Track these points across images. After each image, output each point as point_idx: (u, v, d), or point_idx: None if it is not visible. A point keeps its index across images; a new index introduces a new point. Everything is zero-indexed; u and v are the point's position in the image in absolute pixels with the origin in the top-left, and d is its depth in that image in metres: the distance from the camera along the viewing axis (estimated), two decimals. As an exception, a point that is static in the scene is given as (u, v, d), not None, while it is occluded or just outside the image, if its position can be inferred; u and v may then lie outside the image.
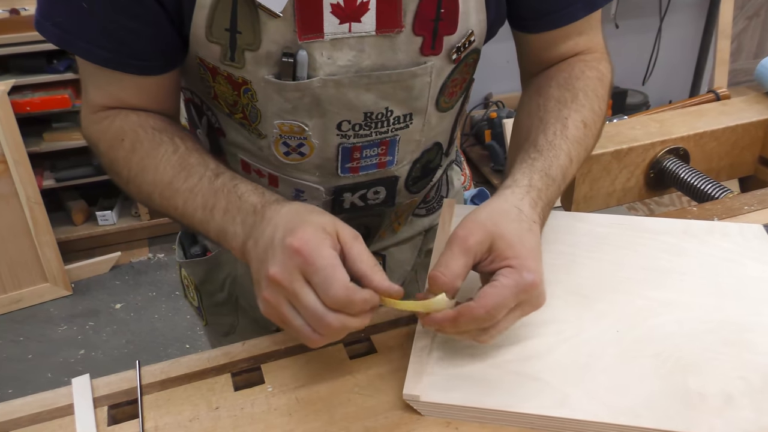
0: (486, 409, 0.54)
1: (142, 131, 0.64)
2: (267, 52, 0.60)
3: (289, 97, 0.63)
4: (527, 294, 0.53)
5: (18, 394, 0.60)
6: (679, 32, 3.30)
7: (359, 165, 0.71)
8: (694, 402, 0.53)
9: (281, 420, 0.56)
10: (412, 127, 0.70)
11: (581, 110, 0.67)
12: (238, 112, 0.67)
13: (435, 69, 0.66)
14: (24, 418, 0.57)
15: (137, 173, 0.64)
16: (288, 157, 0.70)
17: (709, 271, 0.68)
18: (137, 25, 0.60)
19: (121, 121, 0.65)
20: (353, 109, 0.65)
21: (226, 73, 0.63)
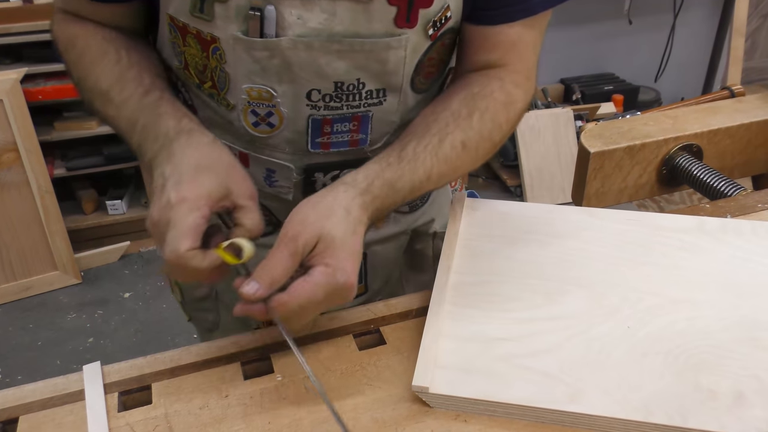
0: (496, 402, 0.54)
1: (92, 39, 0.68)
2: (236, 5, 0.60)
3: (257, 57, 0.63)
4: (337, 293, 0.55)
5: (27, 381, 0.60)
6: (693, 29, 3.27)
7: (330, 141, 0.70)
8: (706, 399, 0.53)
9: (290, 409, 0.56)
10: (387, 105, 0.69)
11: (468, 131, 0.66)
12: (207, 80, 0.68)
13: (411, 44, 0.65)
14: (35, 403, 0.57)
15: (82, 78, 0.68)
16: (257, 129, 0.69)
17: (723, 269, 0.67)
18: None
19: (76, 26, 0.69)
20: (324, 77, 0.64)
21: (195, 30, 0.63)
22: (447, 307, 0.63)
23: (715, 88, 3.32)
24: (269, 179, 0.74)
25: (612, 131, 1.01)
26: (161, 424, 0.55)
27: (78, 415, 0.56)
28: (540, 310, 0.62)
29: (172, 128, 0.60)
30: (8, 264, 2.22)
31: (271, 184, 0.75)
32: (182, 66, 0.69)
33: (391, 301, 0.69)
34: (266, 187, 0.75)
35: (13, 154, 2.09)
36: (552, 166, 2.75)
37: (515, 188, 2.79)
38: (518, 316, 0.62)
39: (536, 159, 2.74)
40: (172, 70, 0.73)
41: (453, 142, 0.65)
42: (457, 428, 0.54)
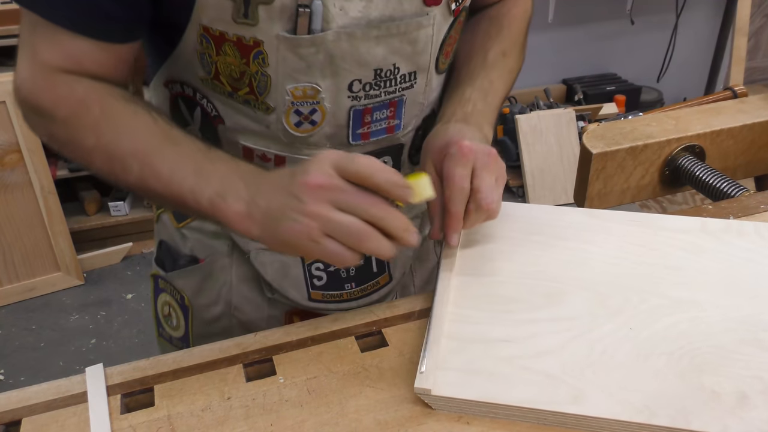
0: (498, 404, 0.54)
1: (113, 99, 0.62)
2: (281, 5, 0.59)
3: (303, 54, 0.62)
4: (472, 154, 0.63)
5: (30, 382, 0.60)
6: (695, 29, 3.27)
7: (370, 130, 0.71)
8: (709, 400, 0.53)
9: (293, 411, 0.56)
10: (417, 87, 0.71)
11: (503, 42, 0.79)
12: (243, 87, 0.66)
13: (437, 22, 0.67)
14: (38, 404, 0.58)
15: (110, 140, 0.61)
16: (299, 129, 0.68)
17: (725, 270, 0.67)
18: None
19: (84, 87, 0.61)
20: (364, 66, 0.65)
21: (235, 37, 0.61)
22: (449, 308, 0.63)
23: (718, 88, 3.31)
24: None
25: (614, 132, 1.01)
26: (164, 426, 0.55)
27: (81, 417, 0.56)
28: (542, 312, 0.62)
29: (258, 168, 0.60)
30: (11, 265, 2.22)
31: None
32: (211, 76, 0.66)
33: (393, 303, 0.69)
34: None
35: (16, 155, 2.10)
36: (554, 167, 2.75)
37: (517, 189, 2.78)
38: (520, 317, 0.62)
39: (538, 159, 2.73)
40: (184, 84, 0.70)
41: (496, 52, 0.78)
42: (459, 430, 0.54)
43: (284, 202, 0.55)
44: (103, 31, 0.60)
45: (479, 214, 0.64)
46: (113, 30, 0.61)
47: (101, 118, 0.61)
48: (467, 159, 0.63)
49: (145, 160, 0.60)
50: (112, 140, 0.61)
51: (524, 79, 3.11)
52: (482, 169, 0.64)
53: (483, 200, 0.63)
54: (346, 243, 0.54)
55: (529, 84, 3.12)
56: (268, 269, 0.77)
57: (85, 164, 0.64)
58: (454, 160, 0.64)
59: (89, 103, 0.61)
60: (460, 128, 0.68)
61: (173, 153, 0.60)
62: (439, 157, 0.67)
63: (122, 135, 0.61)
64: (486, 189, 0.63)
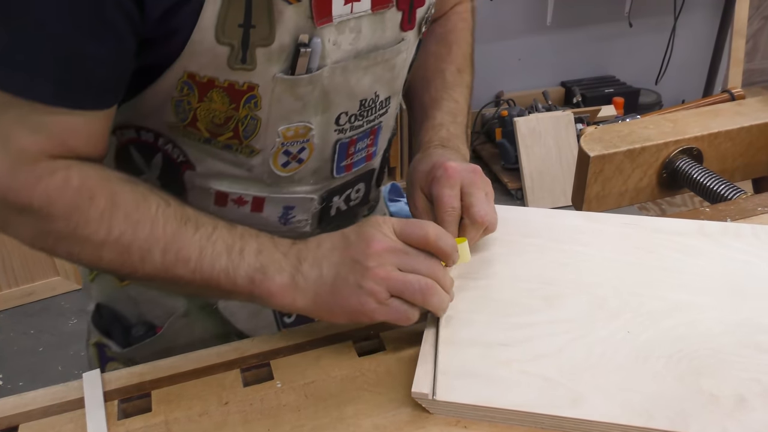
0: (496, 408, 0.53)
1: (116, 185, 0.56)
2: (280, 45, 0.57)
3: (300, 94, 0.61)
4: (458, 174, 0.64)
5: (29, 387, 0.60)
6: (693, 31, 3.27)
7: (353, 161, 0.71)
8: (707, 403, 0.53)
9: (290, 416, 0.56)
10: (390, 112, 0.72)
11: (456, 59, 0.81)
12: (226, 132, 0.62)
13: (410, 45, 0.68)
14: (35, 410, 0.57)
15: (124, 230, 0.55)
16: (286, 168, 0.67)
17: (723, 273, 0.67)
18: (102, 51, 0.51)
19: (79, 176, 0.54)
20: (353, 98, 0.65)
21: (226, 83, 0.58)
22: (447, 312, 0.63)
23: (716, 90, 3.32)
24: (285, 217, 0.72)
25: (612, 135, 1.01)
26: (161, 431, 0.55)
27: (78, 423, 0.56)
28: (540, 315, 0.62)
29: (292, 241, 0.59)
30: (11, 269, 2.22)
31: (287, 222, 0.73)
32: (185, 123, 0.61)
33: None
34: (281, 226, 0.73)
35: (15, 160, 2.10)
36: (553, 169, 2.75)
37: (516, 191, 2.78)
38: (518, 320, 0.62)
39: (537, 162, 2.73)
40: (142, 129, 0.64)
41: (452, 71, 0.79)
42: (457, 434, 0.53)
43: (346, 268, 0.55)
44: (90, 98, 0.53)
45: (475, 228, 0.64)
46: (101, 94, 0.54)
47: (110, 208, 0.54)
48: (454, 180, 0.64)
49: (169, 247, 0.55)
50: (127, 231, 0.55)
51: (523, 81, 3.12)
52: (470, 186, 0.65)
53: (477, 213, 0.63)
54: (412, 301, 0.56)
55: (527, 86, 3.12)
56: (239, 317, 0.75)
57: (88, 260, 0.57)
58: (441, 183, 0.65)
59: (92, 192, 0.54)
60: (442, 153, 0.70)
61: (199, 235, 0.56)
62: (426, 182, 0.68)
63: (138, 224, 0.55)
64: (478, 203, 0.64)
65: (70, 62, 0.50)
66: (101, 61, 0.51)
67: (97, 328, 0.79)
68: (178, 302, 0.75)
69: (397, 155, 2.69)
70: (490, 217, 0.65)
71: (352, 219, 0.79)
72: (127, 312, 0.77)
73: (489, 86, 3.05)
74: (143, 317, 0.76)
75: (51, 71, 0.50)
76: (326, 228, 0.76)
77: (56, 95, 0.51)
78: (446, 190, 0.64)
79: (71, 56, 0.50)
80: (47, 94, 0.50)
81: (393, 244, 0.56)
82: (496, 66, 3.03)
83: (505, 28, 2.97)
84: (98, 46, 0.50)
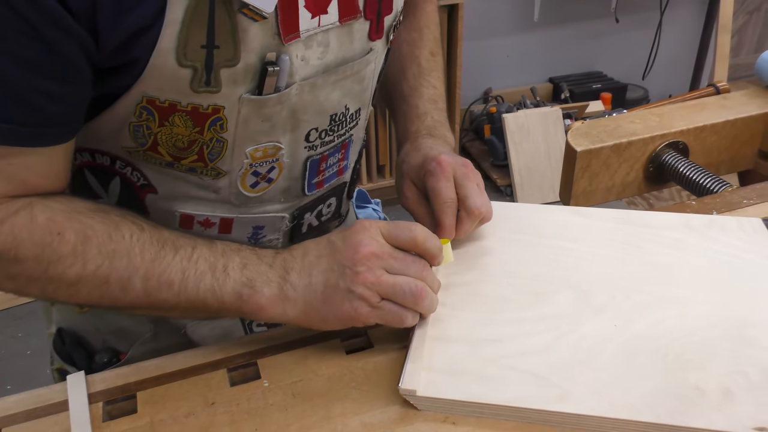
0: (484, 404, 0.53)
1: (84, 217, 0.53)
2: (245, 65, 0.54)
3: (268, 114, 0.58)
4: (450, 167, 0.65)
5: (17, 390, 0.59)
6: (679, 27, 3.29)
7: (324, 177, 0.70)
8: (694, 397, 0.53)
9: (278, 415, 0.55)
10: (360, 123, 0.71)
11: (428, 43, 0.82)
12: (190, 155, 0.59)
13: (378, 55, 0.67)
14: (18, 414, 0.57)
15: (101, 263, 0.53)
16: (255, 189, 0.65)
17: (709, 266, 0.67)
18: (56, 86, 0.49)
19: (43, 213, 0.52)
20: (322, 114, 0.64)
21: (189, 107, 0.55)
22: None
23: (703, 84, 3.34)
24: (255, 237, 0.71)
25: (598, 130, 1.01)
26: (147, 433, 0.54)
27: (63, 426, 0.55)
28: (528, 311, 0.62)
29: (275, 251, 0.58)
30: (-4, 272, 2.20)
31: (257, 242, 0.71)
32: (145, 148, 0.59)
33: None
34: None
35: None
36: (542, 165, 2.75)
37: (505, 188, 2.79)
38: (506, 316, 0.62)
39: (526, 158, 2.74)
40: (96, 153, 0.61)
41: (426, 56, 0.80)
42: (445, 430, 0.53)
43: (336, 275, 0.55)
44: (46, 135, 0.51)
45: (471, 219, 0.65)
46: (57, 130, 0.52)
47: (82, 242, 0.52)
48: (447, 172, 0.65)
49: (149, 273, 0.54)
50: (103, 263, 0.53)
51: (511, 78, 3.12)
52: (463, 178, 0.66)
53: (473, 204, 0.64)
54: (403, 303, 0.56)
55: (515, 83, 3.13)
56: (209, 340, 0.73)
57: (64, 298, 0.55)
58: (436, 176, 0.65)
59: (60, 227, 0.52)
60: (431, 144, 0.71)
61: (179, 257, 0.54)
62: (418, 176, 0.68)
63: (114, 255, 0.53)
64: (472, 194, 0.65)
65: (24, 101, 0.48)
66: (56, 97, 0.49)
67: (59, 354, 0.77)
68: (144, 327, 0.73)
69: (386, 153, 2.69)
70: (486, 207, 0.66)
71: (323, 234, 0.78)
72: (90, 337, 0.76)
73: (477, 83, 3.06)
74: (107, 343, 0.75)
75: (9, 113, 0.48)
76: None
77: (12, 135, 0.49)
78: (442, 183, 0.65)
79: (24, 95, 0.48)
80: (3, 135, 0.48)
81: (381, 248, 0.56)
82: (485, 63, 3.03)
83: (494, 25, 2.97)
84: (52, 83, 0.48)
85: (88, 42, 0.48)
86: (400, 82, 0.79)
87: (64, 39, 0.47)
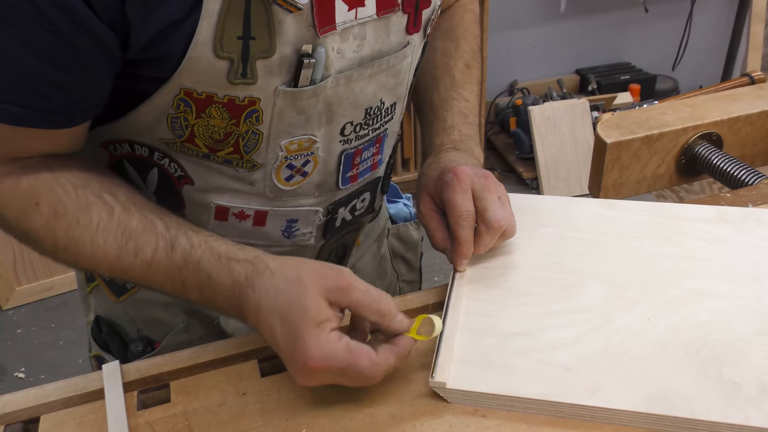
0: (514, 397, 0.53)
1: (62, 191, 0.54)
2: (280, 57, 0.54)
3: (303, 107, 0.58)
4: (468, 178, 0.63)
5: (50, 380, 0.61)
6: (710, 16, 3.22)
7: (358, 171, 0.69)
8: (729, 392, 0.52)
9: (308, 406, 0.56)
10: (395, 118, 0.69)
11: (463, 55, 0.79)
12: (226, 147, 0.60)
13: (415, 49, 0.66)
14: (56, 402, 0.58)
15: (67, 246, 0.55)
16: (289, 182, 0.64)
17: (745, 259, 0.66)
18: (69, 79, 0.50)
19: (29, 178, 0.54)
20: (357, 107, 0.63)
21: (226, 98, 0.55)
22: (464, 301, 0.62)
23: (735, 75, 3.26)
24: (289, 230, 0.70)
25: (629, 121, 0.99)
26: (180, 422, 0.55)
27: (98, 414, 0.57)
28: (558, 304, 0.62)
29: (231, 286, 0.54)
30: (30, 265, 2.25)
31: (291, 236, 0.71)
32: (182, 139, 0.59)
33: (406, 297, 0.68)
34: (284, 240, 0.71)
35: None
36: (568, 158, 2.72)
37: (531, 181, 2.76)
38: (536, 310, 0.61)
39: (552, 151, 2.71)
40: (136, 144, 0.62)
41: (461, 68, 0.78)
42: (475, 423, 0.53)
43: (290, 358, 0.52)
44: (53, 120, 0.53)
45: (491, 233, 0.63)
46: (66, 117, 0.53)
47: (52, 218, 0.54)
48: (465, 184, 0.63)
49: (112, 267, 0.56)
50: (69, 246, 0.55)
51: (537, 69, 3.09)
52: (482, 190, 0.63)
53: (492, 217, 0.62)
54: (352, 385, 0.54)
55: (542, 75, 3.09)
56: (242, 331, 0.72)
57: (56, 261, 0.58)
58: (452, 187, 0.63)
59: (36, 198, 0.54)
60: (453, 157, 0.69)
61: (138, 262, 0.55)
62: (435, 188, 0.66)
63: (78, 241, 0.55)
64: (492, 207, 0.62)
65: (33, 88, 0.50)
66: (65, 87, 0.51)
67: (96, 341, 0.79)
68: (177, 318, 0.74)
69: (410, 146, 2.68)
70: (508, 220, 0.63)
71: (353, 229, 0.78)
72: (126, 326, 0.77)
73: (503, 75, 3.03)
74: (141, 332, 0.76)
75: (18, 97, 0.50)
76: (331, 240, 0.74)
77: (18, 117, 0.51)
78: (458, 195, 0.62)
79: (34, 83, 0.49)
80: (10, 116, 0.50)
81: (329, 363, 0.50)
82: (510, 55, 3.01)
83: (519, 17, 2.94)
84: (62, 73, 0.50)
85: (108, 38, 0.49)
86: (431, 92, 0.77)
87: (78, 33, 0.48)
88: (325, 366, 0.51)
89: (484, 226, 0.62)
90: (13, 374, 2.00)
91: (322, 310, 0.51)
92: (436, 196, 0.66)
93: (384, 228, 0.89)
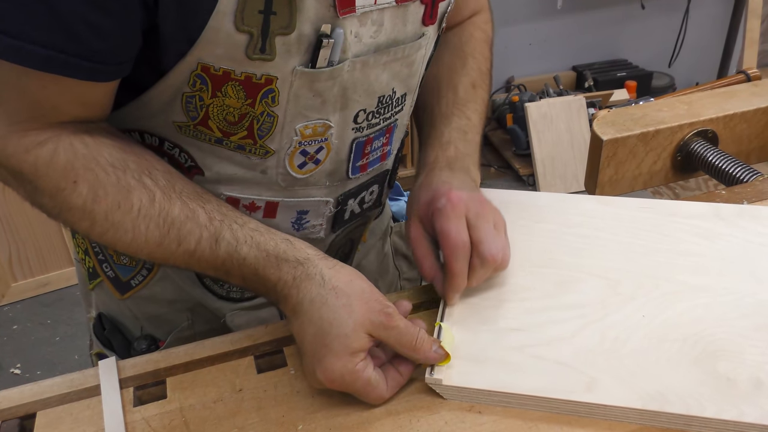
0: (510, 393, 0.53)
1: (102, 172, 0.53)
2: (299, 35, 0.54)
3: (319, 89, 0.58)
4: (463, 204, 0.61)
5: (46, 376, 0.61)
6: (707, 12, 3.22)
7: (368, 161, 0.69)
8: (724, 387, 0.52)
9: (304, 402, 0.56)
10: (405, 110, 0.69)
11: (470, 73, 0.76)
12: (240, 131, 0.59)
13: (429, 41, 0.66)
14: (52, 398, 0.58)
15: (106, 229, 0.54)
16: (302, 170, 0.64)
17: (739, 255, 0.66)
18: (105, 21, 0.48)
19: (66, 153, 0.53)
20: (371, 94, 0.63)
21: (243, 76, 0.55)
22: (459, 297, 0.62)
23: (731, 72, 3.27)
24: (299, 222, 0.70)
25: (625, 118, 1.00)
26: (176, 418, 0.55)
27: (95, 410, 0.57)
28: (553, 300, 0.62)
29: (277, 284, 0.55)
30: (26, 260, 2.24)
31: (301, 228, 0.70)
32: (196, 122, 0.59)
33: (402, 293, 0.68)
34: (294, 232, 0.70)
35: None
36: (565, 155, 2.73)
37: (528, 177, 2.77)
38: (531, 305, 0.61)
39: (549, 147, 2.72)
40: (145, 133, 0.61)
41: (466, 86, 0.75)
42: (471, 419, 0.53)
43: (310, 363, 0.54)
44: (86, 69, 0.50)
45: (485, 267, 0.60)
46: (98, 67, 0.51)
47: (91, 200, 0.53)
48: (459, 210, 0.60)
49: (153, 254, 0.56)
50: (109, 230, 0.54)
51: (534, 66, 3.09)
52: (477, 218, 0.60)
53: (487, 251, 0.59)
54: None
55: (538, 71, 3.09)
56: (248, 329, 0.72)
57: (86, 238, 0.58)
58: (445, 215, 0.60)
59: (76, 175, 0.53)
60: (446, 177, 0.65)
61: (181, 251, 0.55)
62: (426, 213, 0.63)
63: (119, 226, 0.54)
64: (487, 239, 0.60)
65: (69, 30, 0.47)
66: (102, 33, 0.49)
67: (99, 338, 0.79)
68: (181, 316, 0.74)
69: (407, 142, 2.68)
70: (503, 253, 0.60)
71: (361, 223, 0.78)
72: (129, 324, 0.77)
73: (499, 71, 3.03)
74: (145, 330, 0.76)
75: (49, 37, 0.47)
76: (340, 234, 0.74)
77: (47, 60, 0.48)
78: (452, 224, 0.59)
79: (70, 23, 0.47)
80: (39, 59, 0.48)
81: (344, 387, 0.53)
82: (507, 51, 3.01)
83: (516, 13, 2.94)
84: (100, 15, 0.48)
85: None
86: (432, 107, 0.75)
87: None
88: (340, 387, 0.54)
89: (479, 260, 0.59)
90: (8, 370, 2.00)
91: (360, 342, 0.53)
92: (427, 222, 0.63)
93: (387, 226, 0.90)
